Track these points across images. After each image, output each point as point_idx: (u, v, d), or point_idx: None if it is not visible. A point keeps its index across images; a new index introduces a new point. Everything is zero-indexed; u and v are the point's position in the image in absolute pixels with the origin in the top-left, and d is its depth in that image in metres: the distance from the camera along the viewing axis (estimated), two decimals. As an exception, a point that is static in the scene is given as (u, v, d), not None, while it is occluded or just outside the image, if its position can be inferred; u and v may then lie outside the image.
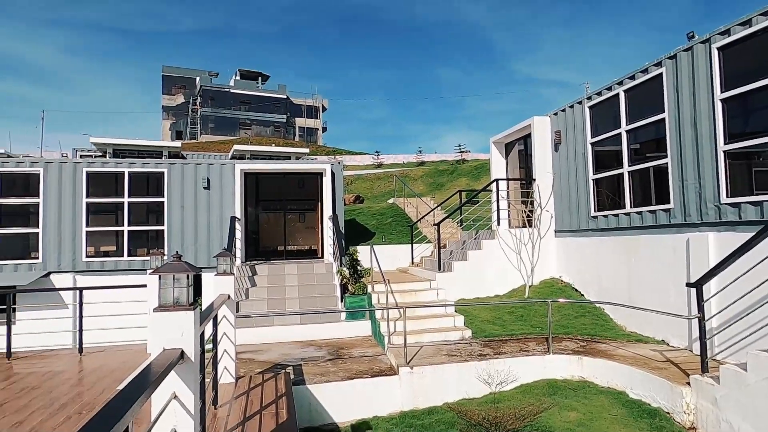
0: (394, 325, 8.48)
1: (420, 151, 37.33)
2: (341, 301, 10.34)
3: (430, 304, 9.64)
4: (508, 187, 12.19)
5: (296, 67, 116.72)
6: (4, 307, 8.42)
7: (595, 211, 9.79)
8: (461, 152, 34.07)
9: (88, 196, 11.36)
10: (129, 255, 11.53)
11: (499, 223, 11.33)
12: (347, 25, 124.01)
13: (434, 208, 14.85)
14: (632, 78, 8.75)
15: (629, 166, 8.87)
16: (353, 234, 15.23)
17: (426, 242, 14.34)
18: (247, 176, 12.73)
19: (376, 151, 37.80)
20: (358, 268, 10.60)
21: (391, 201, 20.70)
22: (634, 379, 6.56)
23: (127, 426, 1.92)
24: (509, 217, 11.80)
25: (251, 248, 13.18)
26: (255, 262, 12.12)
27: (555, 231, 11.17)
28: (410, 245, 13.74)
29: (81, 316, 7.71)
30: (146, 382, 2.33)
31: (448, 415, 6.40)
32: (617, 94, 9.09)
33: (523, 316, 9.63)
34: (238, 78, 64.56)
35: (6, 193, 11.10)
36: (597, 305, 9.55)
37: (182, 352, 2.99)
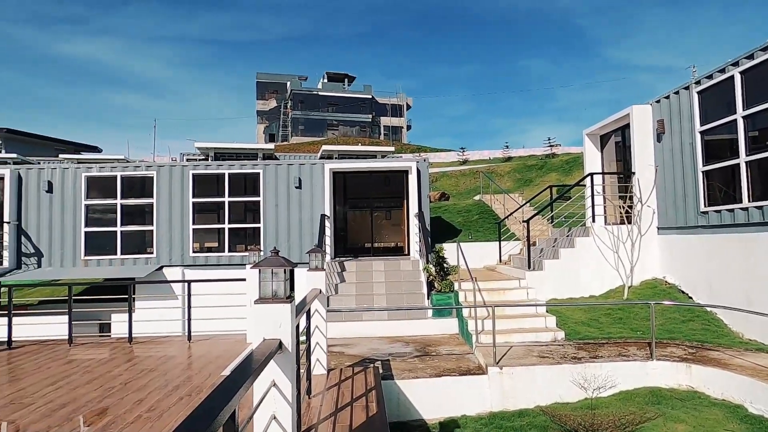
0: (482, 324, 8.33)
1: (507, 146, 36.27)
2: (428, 299, 10.35)
3: (520, 304, 9.35)
4: (603, 182, 11.48)
5: (381, 67, 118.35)
6: (126, 296, 9.42)
7: (705, 206, 8.93)
8: (551, 146, 32.64)
9: (194, 196, 12.35)
10: (229, 251, 12.38)
11: (594, 220, 10.72)
12: (430, 23, 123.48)
13: (523, 205, 14.36)
14: (750, 57, 7.86)
15: (747, 155, 7.98)
16: (439, 231, 15.16)
17: (514, 240, 13.93)
18: (336, 175, 13.14)
19: (461, 148, 37.26)
20: (444, 265, 10.54)
21: (477, 198, 20.34)
22: (755, 391, 5.91)
23: (234, 410, 2.07)
24: (605, 213, 11.12)
25: (340, 245, 13.59)
26: (343, 258, 12.48)
27: (657, 228, 10.35)
28: (498, 243, 13.41)
29: (189, 307, 8.40)
30: (250, 369, 2.49)
31: (540, 419, 6.18)
32: (731, 77, 8.21)
33: (622, 318, 9.04)
34: (325, 81, 66.78)
35: (126, 195, 12.39)
36: (708, 309, 8.71)
37: (280, 343, 3.15)
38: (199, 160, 21.37)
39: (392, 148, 21.21)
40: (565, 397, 6.73)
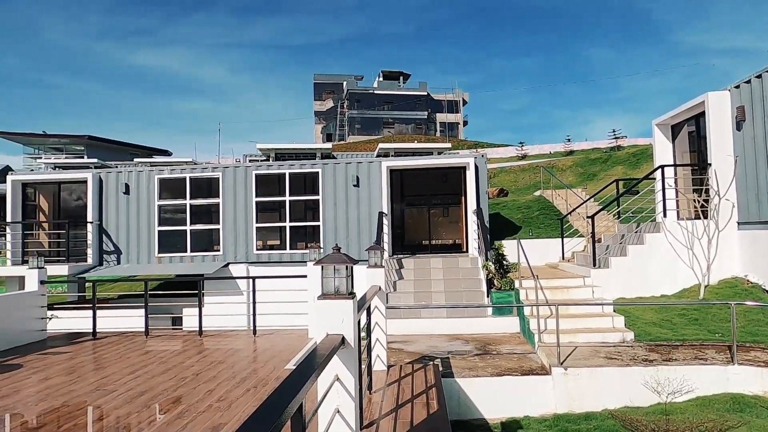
0: (545, 323, 8.09)
1: (568, 140, 35.02)
2: (487, 296, 10.18)
3: (585, 302, 9.00)
4: (675, 174, 10.83)
5: (436, 63, 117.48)
6: (196, 291, 9.91)
7: (793, 198, 8.21)
8: (616, 138, 31.19)
9: (257, 195, 12.80)
10: (290, 248, 12.74)
11: (665, 215, 10.13)
12: (488, 15, 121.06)
13: (587, 200, 13.80)
14: None
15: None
16: (498, 228, 14.87)
17: (577, 236, 13.42)
18: (393, 173, 13.18)
19: (520, 142, 36.34)
20: (504, 262, 10.32)
21: (537, 193, 19.76)
22: None
23: (301, 402, 2.12)
24: (677, 207, 10.48)
25: (397, 242, 13.64)
26: (401, 255, 12.51)
27: (738, 223, 9.63)
28: (560, 239, 12.97)
29: (254, 302, 8.71)
30: (315, 363, 2.55)
31: (608, 423, 5.92)
32: (825, 56, 7.48)
33: (698, 319, 8.49)
34: (381, 79, 67.18)
35: (194, 195, 13.03)
36: (798, 311, 8.01)
37: (343, 338, 3.20)
38: (261, 161, 22.12)
39: (449, 145, 21.01)
40: (636, 401, 6.42)
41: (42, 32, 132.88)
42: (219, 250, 12.82)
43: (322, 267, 3.34)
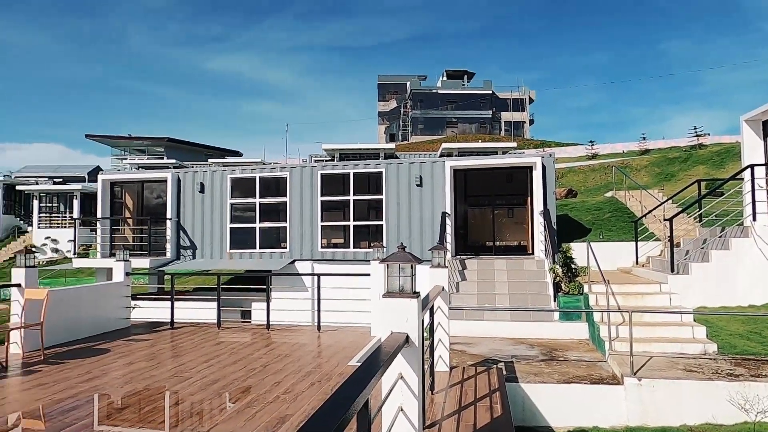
0: (616, 330, 7.70)
1: (643, 138, 33.03)
2: (554, 301, 9.84)
3: (663, 310, 8.48)
4: (767, 175, 9.94)
5: (501, 61, 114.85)
6: (263, 287, 10.31)
7: None
8: (697, 136, 29.07)
9: (322, 195, 13.11)
10: (354, 247, 12.94)
11: (755, 218, 9.33)
12: (556, 10, 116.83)
13: (664, 202, 12.98)
14: None
15: None
16: (565, 230, 14.33)
17: (653, 240, 12.66)
18: (456, 173, 13.05)
19: (590, 141, 34.73)
20: (572, 266, 9.93)
21: (609, 194, 18.85)
22: None
23: (367, 398, 2.15)
24: (770, 210, 9.61)
25: (460, 243, 13.48)
26: (464, 256, 12.36)
27: (842, 228, 8.70)
28: (634, 243, 12.30)
29: (319, 299, 8.93)
30: (380, 360, 2.58)
31: (687, 439, 5.55)
32: None
33: (793, 333, 7.75)
34: (444, 78, 66.69)
35: (263, 194, 13.55)
36: None
37: (407, 337, 3.21)
38: (326, 161, 22.63)
39: (514, 144, 20.47)
40: (720, 418, 5.96)
41: (128, 41, 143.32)
42: (286, 248, 13.26)
43: (388, 265, 3.37)
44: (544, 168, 12.20)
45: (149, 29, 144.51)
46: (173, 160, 22.18)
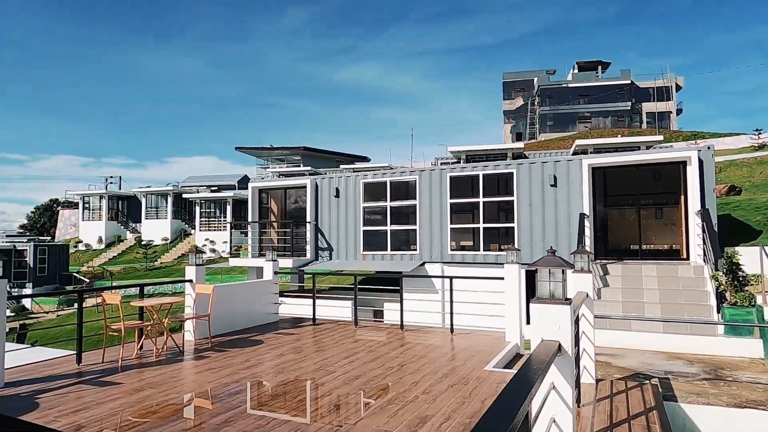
0: (803, 351, 6.57)
1: (828, 123, 27.77)
2: (717, 312, 8.71)
3: None
4: None
5: (640, 47, 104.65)
6: (393, 287, 10.59)
7: None
8: None
9: (451, 197, 13.12)
10: (483, 249, 12.73)
11: None
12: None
13: None
14: None
15: None
16: (728, 232, 12.62)
17: None
18: (595, 171, 12.18)
19: (756, 130, 30.06)
20: (740, 273, 8.69)
21: (783, 190, 16.18)
22: None
23: (528, 410, 2.09)
24: None
25: (599, 246, 12.55)
26: (605, 260, 11.47)
27: None
28: (821, 248, 10.38)
29: (452, 301, 8.93)
30: (536, 369, 2.49)
31: None
32: None
33: None
34: (575, 71, 62.71)
35: (393, 197, 13.95)
36: None
37: (560, 345, 3.07)
38: (452, 163, 22.59)
39: (660, 137, 18.53)
40: None
41: (267, 61, 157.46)
42: (416, 250, 13.49)
43: (537, 270, 3.26)
44: (701, 162, 10.87)
45: (285, 48, 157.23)
46: (308, 167, 23.81)
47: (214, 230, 33.29)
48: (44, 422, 4.64)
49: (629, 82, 59.57)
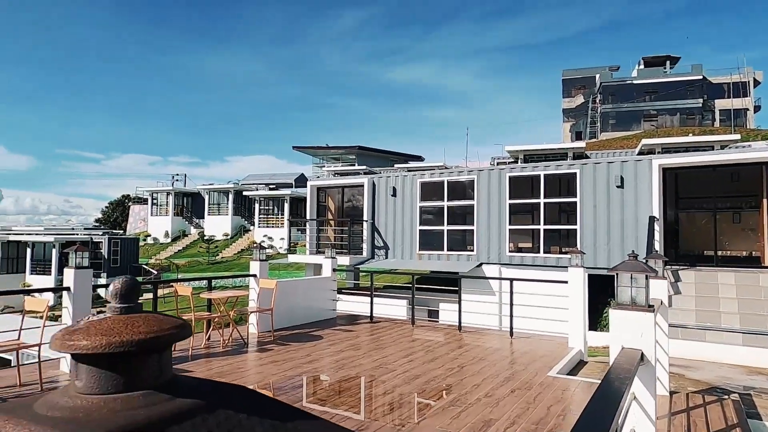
0: None
1: None
2: (805, 326, 8.04)
3: None
4: None
5: (713, 40, 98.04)
6: (450, 287, 10.50)
7: None
8: None
9: (510, 198, 12.84)
10: (544, 252, 12.37)
11: None
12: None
13: None
14: None
15: None
16: (817, 239, 11.60)
17: None
18: (666, 172, 11.56)
19: None
20: (833, 284, 7.99)
21: None
22: None
23: (617, 422, 2.00)
24: None
25: (669, 251, 11.90)
26: (676, 266, 10.86)
27: None
28: None
29: (512, 304, 8.74)
30: (621, 379, 2.39)
31: None
32: None
33: None
34: (641, 67, 59.76)
35: (450, 197, 13.83)
36: None
37: (642, 354, 2.93)
38: (509, 162, 22.13)
39: (737, 136, 17.38)
40: None
41: (322, 63, 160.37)
42: (473, 250, 13.31)
43: (617, 274, 3.12)
44: (787, 163, 10.07)
45: (339, 50, 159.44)
46: (363, 167, 24.06)
47: (272, 227, 34.29)
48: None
49: (701, 77, 56.08)
